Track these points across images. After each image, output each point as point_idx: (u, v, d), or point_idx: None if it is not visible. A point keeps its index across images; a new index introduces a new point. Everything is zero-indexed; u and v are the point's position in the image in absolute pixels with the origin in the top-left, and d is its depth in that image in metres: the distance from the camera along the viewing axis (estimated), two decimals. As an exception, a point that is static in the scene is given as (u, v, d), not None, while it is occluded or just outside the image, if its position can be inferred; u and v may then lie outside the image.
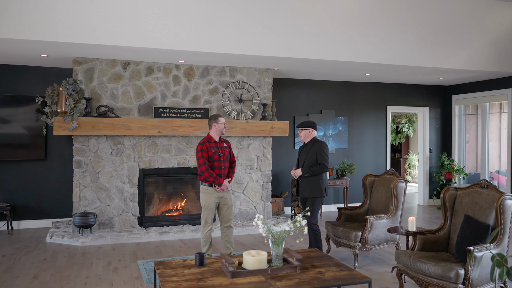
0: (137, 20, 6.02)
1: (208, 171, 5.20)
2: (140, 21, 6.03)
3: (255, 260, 3.79)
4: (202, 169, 5.22)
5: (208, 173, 5.20)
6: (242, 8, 6.40)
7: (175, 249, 6.36)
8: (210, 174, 5.21)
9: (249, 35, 6.53)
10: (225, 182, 5.30)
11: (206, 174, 5.20)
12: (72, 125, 6.57)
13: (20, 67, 7.53)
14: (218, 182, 5.23)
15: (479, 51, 7.91)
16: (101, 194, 7.10)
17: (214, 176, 5.22)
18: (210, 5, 6.26)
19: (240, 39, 6.51)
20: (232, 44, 6.51)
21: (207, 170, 5.20)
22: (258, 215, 3.99)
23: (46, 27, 5.68)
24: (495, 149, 9.74)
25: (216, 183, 5.23)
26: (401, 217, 5.75)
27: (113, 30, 5.95)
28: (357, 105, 9.73)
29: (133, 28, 6.03)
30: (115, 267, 5.48)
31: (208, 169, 5.21)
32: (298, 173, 5.57)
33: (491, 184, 4.46)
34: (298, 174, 5.57)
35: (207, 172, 5.20)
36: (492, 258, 2.26)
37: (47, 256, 5.91)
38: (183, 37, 6.26)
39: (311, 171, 5.46)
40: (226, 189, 5.36)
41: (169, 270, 3.86)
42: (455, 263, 4.06)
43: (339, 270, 3.88)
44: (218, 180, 5.23)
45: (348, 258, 5.90)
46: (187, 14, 6.20)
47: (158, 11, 6.07)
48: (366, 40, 7.11)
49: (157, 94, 7.40)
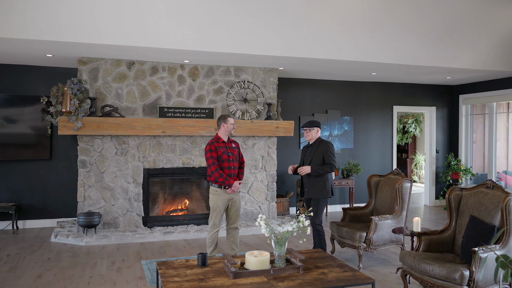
0: (142, 19, 6.01)
1: (218, 171, 5.09)
2: (145, 21, 6.03)
3: (258, 260, 3.76)
4: (211, 170, 5.10)
5: (218, 173, 5.08)
6: (247, 8, 6.38)
7: (179, 249, 6.35)
8: (220, 175, 5.08)
9: (254, 34, 6.51)
10: (236, 183, 5.17)
11: (216, 175, 5.08)
12: (76, 124, 6.58)
13: (26, 67, 7.55)
14: (228, 183, 5.12)
15: (486, 50, 7.83)
16: (105, 194, 7.10)
17: (224, 177, 5.09)
18: (215, 5, 6.24)
19: (244, 39, 6.49)
20: (237, 43, 6.48)
21: (217, 171, 5.08)
22: (261, 216, 3.97)
23: (51, 27, 5.69)
24: (502, 149, 9.64)
25: (226, 184, 5.12)
26: (406, 217, 5.70)
27: (117, 30, 5.95)
28: (363, 105, 9.67)
29: (138, 28, 6.02)
30: (119, 267, 5.48)
31: (217, 169, 5.09)
32: (307, 170, 5.42)
33: (497, 184, 4.41)
34: (307, 171, 5.43)
35: (216, 172, 5.08)
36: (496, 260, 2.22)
37: (51, 256, 5.93)
38: (187, 37, 6.25)
39: (321, 170, 5.37)
40: (236, 191, 5.22)
41: (171, 270, 3.84)
42: (460, 264, 4.02)
43: (343, 271, 3.85)
44: (228, 181, 5.11)
45: (353, 258, 5.85)
46: (191, 13, 6.18)
47: (163, 10, 6.06)
48: (372, 40, 7.06)
49: (161, 94, 7.40)
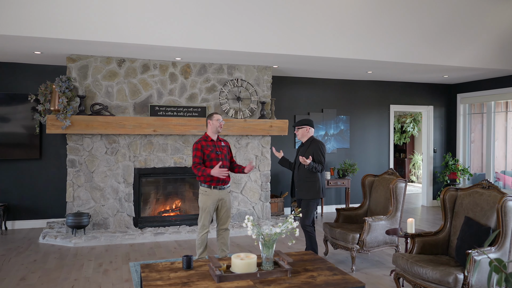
0: (133, 16, 5.86)
1: (196, 167, 4.96)
2: (136, 17, 5.88)
3: (244, 263, 3.62)
4: (192, 168, 5.04)
5: (196, 170, 4.97)
6: (241, 3, 6.22)
7: (169, 250, 6.22)
8: (198, 169, 4.94)
9: (248, 31, 6.36)
10: (216, 167, 4.86)
11: (195, 172, 4.98)
12: (65, 123, 6.44)
13: (15, 65, 7.41)
14: (207, 173, 4.89)
15: (484, 48, 7.68)
16: (95, 194, 6.96)
17: (202, 169, 4.91)
18: (207, 1, 6.09)
19: (238, 36, 6.35)
20: (230, 40, 6.34)
21: (195, 168, 4.97)
22: (248, 217, 3.83)
23: (38, 22, 5.54)
24: (501, 149, 9.51)
25: (205, 174, 4.91)
26: (401, 218, 5.56)
27: (107, 26, 5.80)
28: (360, 103, 9.53)
29: (129, 24, 5.88)
30: (106, 269, 5.34)
31: (196, 167, 4.97)
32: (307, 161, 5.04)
33: (493, 184, 4.27)
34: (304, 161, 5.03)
35: (195, 169, 4.98)
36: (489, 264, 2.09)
37: (37, 258, 5.78)
38: (179, 34, 6.11)
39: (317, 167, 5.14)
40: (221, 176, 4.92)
41: (155, 273, 3.70)
42: (454, 267, 3.88)
43: (332, 274, 3.71)
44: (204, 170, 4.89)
45: (346, 260, 5.72)
46: (183, 9, 6.03)
47: (154, 6, 5.91)
48: (367, 37, 6.91)
49: (153, 92, 7.25)
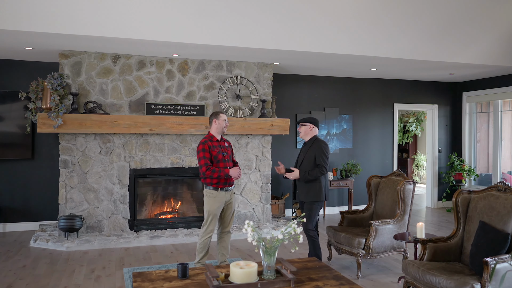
0: (128, 9, 5.57)
1: (210, 169, 4.71)
2: (131, 11, 5.59)
3: (244, 272, 3.36)
4: (203, 171, 4.74)
5: (210, 172, 4.71)
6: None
7: (166, 255, 5.94)
8: (212, 172, 4.71)
9: (247, 26, 6.10)
10: (234, 168, 4.79)
11: (208, 173, 4.71)
12: (57, 122, 6.17)
13: (6, 61, 7.14)
14: (224, 174, 4.73)
15: (491, 45, 7.41)
16: (89, 195, 6.69)
17: (217, 170, 4.72)
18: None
19: (237, 31, 6.08)
20: (229, 35, 6.08)
21: (209, 169, 4.71)
22: (248, 222, 3.56)
23: (29, 16, 5.26)
24: (507, 148, 9.27)
25: (222, 175, 4.73)
26: (409, 222, 5.30)
27: (102, 20, 5.52)
28: (363, 102, 9.27)
29: (124, 18, 5.59)
30: (98, 275, 5.07)
31: (209, 169, 4.72)
32: (295, 175, 4.97)
33: (509, 186, 4.01)
34: (295, 176, 4.98)
35: (209, 171, 4.71)
36: None
37: (27, 263, 5.51)
38: (177, 28, 5.83)
39: (309, 175, 4.89)
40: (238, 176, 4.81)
41: (147, 283, 3.44)
42: (469, 276, 3.62)
43: (339, 284, 3.45)
44: (223, 172, 4.73)
45: (351, 266, 5.45)
46: (181, 3, 5.75)
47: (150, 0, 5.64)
48: (370, 32, 6.65)
49: (149, 90, 6.98)
